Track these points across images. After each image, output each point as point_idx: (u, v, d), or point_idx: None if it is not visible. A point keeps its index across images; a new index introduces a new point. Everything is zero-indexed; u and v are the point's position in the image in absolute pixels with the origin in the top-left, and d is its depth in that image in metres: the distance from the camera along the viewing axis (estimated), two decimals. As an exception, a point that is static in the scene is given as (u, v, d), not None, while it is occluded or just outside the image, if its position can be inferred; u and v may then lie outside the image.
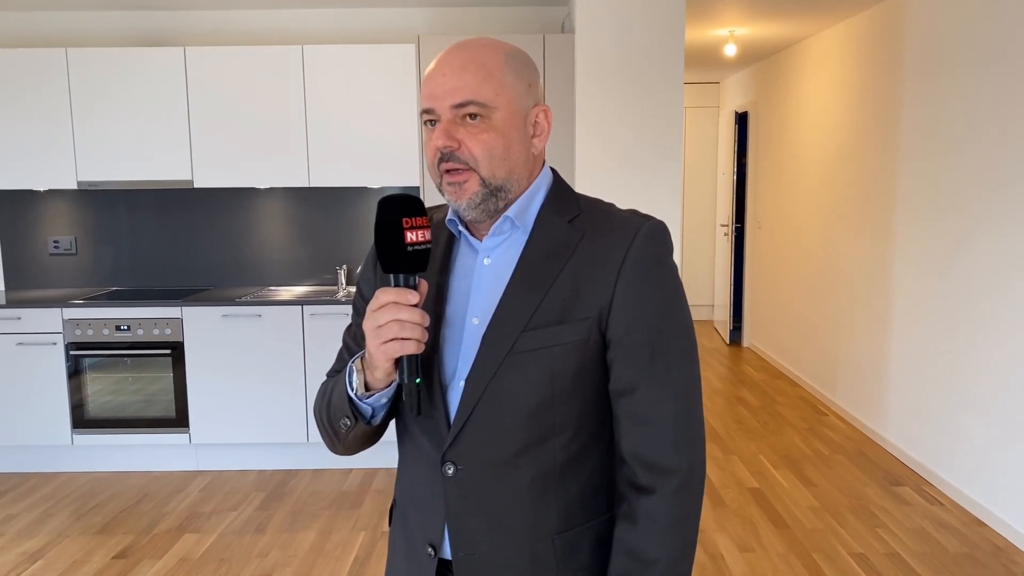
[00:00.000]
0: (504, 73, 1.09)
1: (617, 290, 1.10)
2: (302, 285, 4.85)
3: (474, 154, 1.08)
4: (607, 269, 1.11)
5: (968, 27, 3.79)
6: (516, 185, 1.13)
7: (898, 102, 4.49)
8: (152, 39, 4.72)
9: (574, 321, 1.10)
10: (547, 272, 1.11)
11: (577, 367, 1.10)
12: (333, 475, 4.33)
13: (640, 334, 1.10)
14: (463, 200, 1.10)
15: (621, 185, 4.04)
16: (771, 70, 6.81)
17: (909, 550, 3.37)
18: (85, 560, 3.38)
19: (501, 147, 1.09)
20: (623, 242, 1.12)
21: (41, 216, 4.81)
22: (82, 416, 4.32)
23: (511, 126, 1.10)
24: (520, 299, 1.11)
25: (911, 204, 4.34)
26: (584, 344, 1.10)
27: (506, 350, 1.09)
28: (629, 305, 1.10)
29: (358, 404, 1.13)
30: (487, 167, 1.09)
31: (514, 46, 1.15)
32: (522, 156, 1.13)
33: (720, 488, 4.07)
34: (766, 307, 7.00)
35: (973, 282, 3.76)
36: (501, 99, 1.08)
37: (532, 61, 1.16)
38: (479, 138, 1.08)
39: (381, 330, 1.03)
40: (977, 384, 3.73)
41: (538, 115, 1.14)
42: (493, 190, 1.10)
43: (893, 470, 4.30)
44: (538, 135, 1.15)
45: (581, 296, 1.10)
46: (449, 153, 1.08)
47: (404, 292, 1.03)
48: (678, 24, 3.95)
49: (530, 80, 1.13)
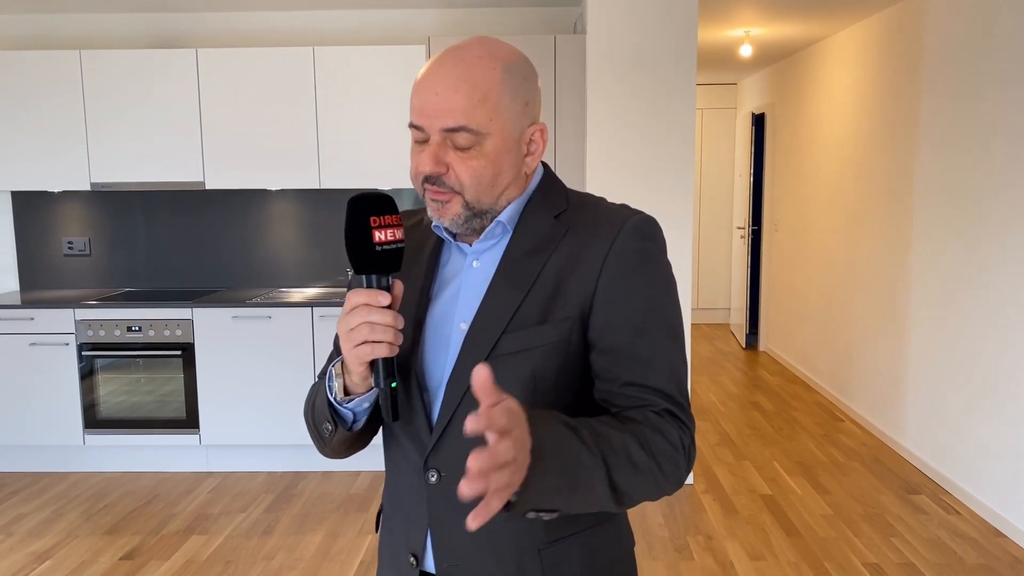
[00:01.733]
0: (500, 95, 1.03)
1: (599, 287, 1.05)
2: (312, 287, 4.84)
3: (461, 180, 1.04)
4: (589, 264, 1.06)
5: (987, 26, 3.71)
6: (504, 202, 1.10)
7: (916, 103, 4.41)
8: (165, 41, 4.74)
9: (555, 321, 1.05)
10: (529, 269, 1.07)
11: (558, 369, 1.06)
12: (342, 477, 4.32)
13: (622, 335, 1.05)
14: (445, 219, 1.07)
15: (632, 187, 3.99)
16: (788, 71, 6.73)
17: (925, 560, 3.30)
18: (93, 561, 3.38)
19: (490, 175, 1.05)
20: (608, 236, 1.07)
21: (55, 217, 4.84)
22: (94, 416, 4.34)
23: (503, 151, 1.05)
24: (502, 299, 1.07)
25: (930, 207, 4.26)
26: (565, 345, 1.06)
27: (487, 352, 1.05)
28: (611, 303, 1.05)
29: (338, 409, 1.10)
30: (473, 193, 1.05)
31: (514, 55, 1.08)
32: (511, 178, 1.09)
33: (732, 495, 4.01)
34: (783, 311, 6.92)
35: (993, 287, 3.68)
36: (495, 124, 1.03)
37: (532, 71, 1.10)
38: (468, 164, 1.04)
39: (352, 333, 1.00)
40: (996, 391, 3.65)
41: (533, 135, 1.09)
42: (477, 213, 1.07)
43: (910, 478, 4.22)
44: (532, 154, 1.10)
45: (563, 293, 1.06)
46: (435, 178, 1.04)
47: (375, 294, 1.00)
48: (691, 24, 3.91)
49: (527, 98, 1.07)
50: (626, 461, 0.98)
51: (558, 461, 0.92)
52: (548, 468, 0.90)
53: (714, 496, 4.00)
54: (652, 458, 1.00)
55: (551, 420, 0.96)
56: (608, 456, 0.97)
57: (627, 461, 0.98)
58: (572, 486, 0.95)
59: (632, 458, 0.99)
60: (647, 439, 1.01)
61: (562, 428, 0.95)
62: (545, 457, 0.90)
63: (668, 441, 1.03)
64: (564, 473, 0.93)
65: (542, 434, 0.90)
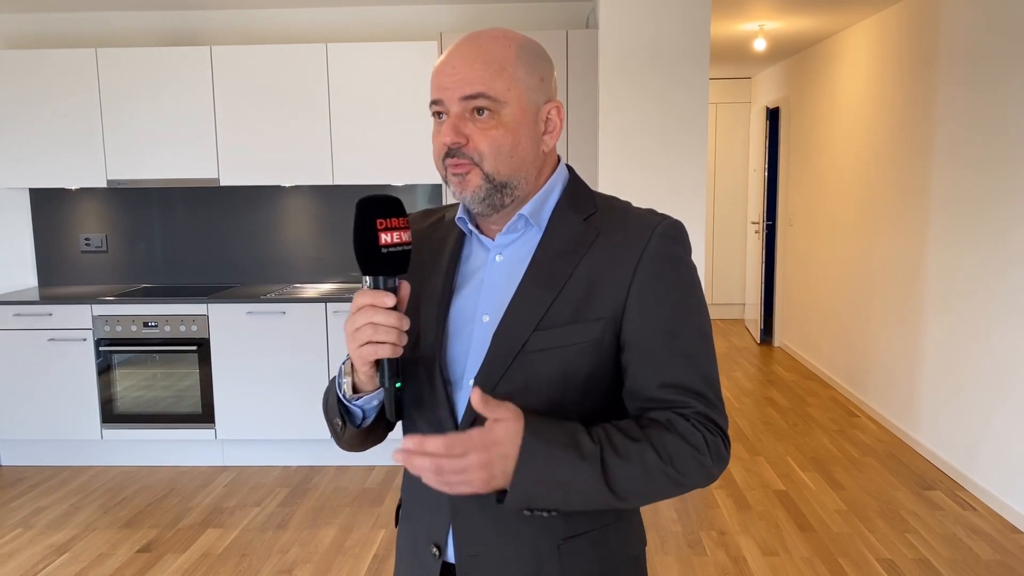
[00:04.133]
0: (516, 67, 1.07)
1: (632, 290, 1.07)
2: (326, 283, 4.87)
3: (480, 149, 1.06)
4: (622, 268, 1.08)
5: (1003, 17, 3.67)
6: (524, 182, 1.10)
7: (933, 97, 4.37)
8: (180, 39, 4.78)
9: (588, 321, 1.07)
10: (561, 270, 1.09)
11: (590, 368, 1.08)
12: (356, 471, 4.34)
13: (655, 336, 1.07)
14: (467, 192, 1.08)
15: (645, 182, 3.98)
16: (803, 65, 6.69)
17: (940, 556, 3.28)
18: (110, 553, 3.43)
19: (509, 144, 1.07)
20: (639, 241, 1.09)
21: (73, 214, 4.89)
22: (111, 411, 4.39)
23: (521, 122, 1.07)
24: (532, 297, 1.09)
25: (946, 202, 4.22)
26: (598, 344, 1.08)
27: (517, 349, 1.07)
28: (644, 306, 1.07)
29: (348, 406, 1.12)
30: (492, 163, 1.07)
31: (528, 38, 1.11)
32: (531, 153, 1.10)
33: (745, 490, 4.00)
34: (798, 306, 6.88)
35: (1009, 282, 3.64)
36: (512, 94, 1.06)
37: (546, 54, 1.13)
38: (487, 134, 1.06)
39: (356, 333, 1.02)
40: (1012, 386, 3.61)
41: (550, 111, 1.11)
42: (498, 186, 1.08)
43: (925, 473, 4.20)
44: (550, 132, 1.12)
45: (595, 295, 1.08)
46: (456, 149, 1.06)
47: (380, 295, 1.02)
48: (704, 18, 3.89)
49: (543, 74, 1.10)
50: (639, 468, 1.03)
51: (542, 474, 1.00)
52: (529, 480, 0.99)
53: (727, 492, 3.99)
54: (668, 463, 1.03)
55: (549, 430, 1.02)
56: (613, 467, 1.02)
57: (640, 468, 1.03)
58: (565, 492, 1.01)
59: (647, 465, 1.03)
60: (664, 443, 1.04)
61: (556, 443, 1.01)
62: (530, 466, 0.99)
63: (688, 443, 1.05)
64: (553, 481, 1.00)
65: (530, 444, 0.99)
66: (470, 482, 0.98)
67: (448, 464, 0.97)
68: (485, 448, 0.97)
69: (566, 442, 1.01)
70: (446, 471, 0.97)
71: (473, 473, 0.97)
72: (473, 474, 0.97)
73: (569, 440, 1.02)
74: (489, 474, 0.98)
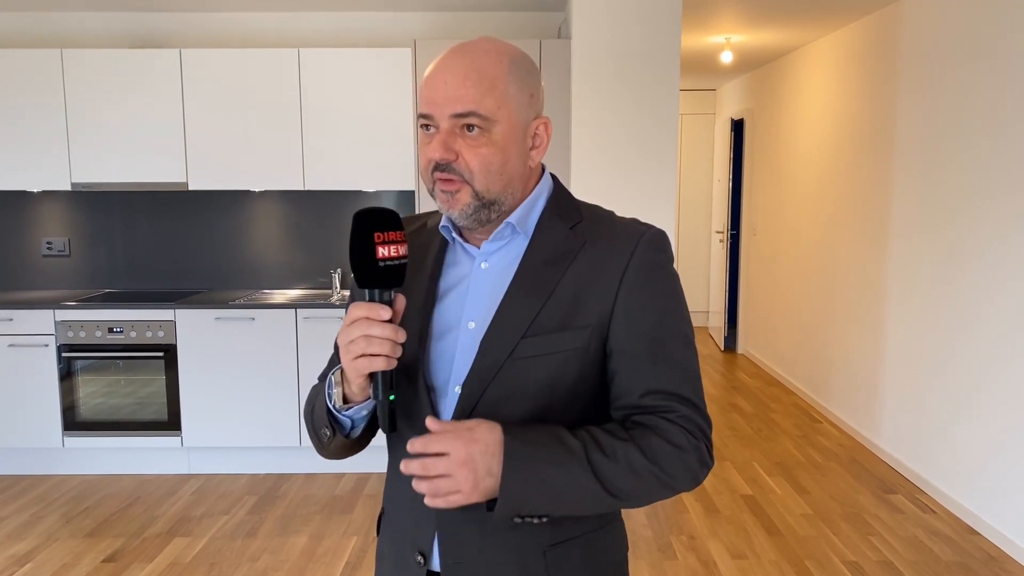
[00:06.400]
0: (507, 84, 1.07)
1: (619, 298, 1.09)
2: (296, 288, 4.83)
3: (471, 167, 1.06)
4: (609, 276, 1.10)
5: (963, 34, 3.80)
6: (511, 197, 1.11)
7: (893, 109, 4.50)
8: (148, 41, 4.72)
9: (574, 328, 1.08)
10: (548, 278, 1.10)
11: (577, 375, 1.09)
12: (325, 479, 4.31)
13: (641, 343, 1.09)
14: (455, 210, 1.09)
15: (616, 190, 4.04)
16: (767, 77, 6.83)
17: (902, 558, 3.37)
18: (74, 563, 3.35)
19: (499, 162, 1.07)
20: (625, 250, 1.11)
21: (34, 217, 4.79)
22: (73, 418, 4.30)
23: (510, 140, 1.08)
24: (520, 305, 1.09)
25: (906, 211, 4.35)
26: (584, 352, 1.09)
27: (505, 356, 1.08)
28: (631, 313, 1.09)
29: (337, 416, 1.12)
30: (482, 181, 1.07)
31: (519, 51, 1.11)
32: (519, 170, 1.11)
33: (713, 495, 4.06)
34: (761, 314, 7.00)
35: (968, 290, 3.76)
36: (502, 112, 1.06)
37: (535, 67, 1.13)
38: (477, 152, 1.06)
39: (351, 346, 1.01)
40: (971, 392, 3.73)
41: (538, 128, 1.12)
42: (486, 203, 1.08)
43: (886, 478, 4.30)
44: (536, 147, 1.12)
45: (582, 303, 1.09)
46: (445, 165, 1.06)
47: (376, 307, 1.01)
48: (674, 31, 3.96)
49: (532, 90, 1.11)
50: (624, 466, 1.04)
51: (531, 475, 1.01)
52: (519, 481, 1.00)
53: (696, 496, 4.05)
54: (654, 463, 1.05)
55: (529, 432, 1.03)
56: (600, 465, 1.03)
57: (626, 466, 1.04)
58: (553, 496, 1.02)
59: (632, 464, 1.04)
60: (648, 443, 1.06)
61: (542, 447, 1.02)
62: (517, 471, 1.00)
63: (673, 444, 1.06)
64: (542, 483, 1.01)
65: (513, 447, 1.00)
66: (457, 483, 0.98)
67: (431, 463, 0.98)
68: (465, 444, 0.98)
69: (550, 442, 1.02)
70: (431, 469, 0.98)
71: (457, 472, 0.98)
72: (457, 473, 0.98)
73: (553, 440, 1.03)
74: (473, 473, 0.98)
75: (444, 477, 0.98)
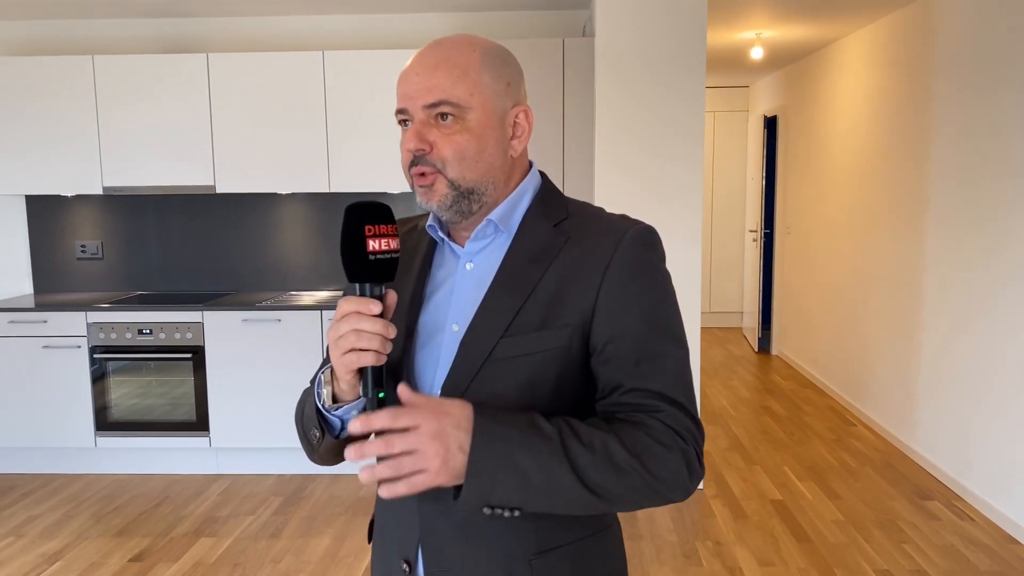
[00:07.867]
0: (480, 72, 1.05)
1: (600, 295, 1.05)
2: (322, 290, 4.86)
3: (444, 155, 1.04)
4: (591, 273, 1.06)
5: (1000, 26, 3.68)
6: (492, 188, 1.09)
7: (929, 105, 4.37)
8: (176, 46, 4.78)
9: (556, 327, 1.05)
10: (529, 276, 1.07)
11: (559, 375, 1.05)
12: (351, 480, 4.32)
13: (624, 343, 1.04)
14: (433, 202, 1.07)
15: (641, 191, 3.98)
16: (801, 74, 6.70)
17: (937, 567, 3.26)
18: (102, 562, 3.40)
19: (474, 149, 1.05)
20: (609, 246, 1.07)
21: (69, 221, 4.88)
22: (105, 419, 4.37)
23: (486, 127, 1.06)
24: (500, 303, 1.07)
25: (944, 210, 4.22)
26: (566, 351, 1.05)
27: (484, 357, 1.05)
28: (612, 311, 1.05)
29: (327, 416, 1.09)
30: (456, 169, 1.05)
31: (495, 44, 1.10)
32: (498, 158, 1.08)
33: (742, 500, 3.98)
34: (795, 314, 6.87)
35: (1006, 291, 3.63)
36: (476, 99, 1.04)
37: (514, 59, 1.11)
38: (451, 139, 1.04)
39: (340, 340, 0.99)
40: (1011, 395, 3.60)
41: (518, 115, 1.10)
42: (464, 192, 1.06)
43: (922, 483, 4.18)
44: (517, 136, 1.10)
45: (564, 301, 1.06)
46: (420, 156, 1.05)
47: (366, 302, 0.99)
48: (700, 26, 3.89)
49: (509, 79, 1.09)
50: (603, 459, 0.97)
51: (501, 457, 0.94)
52: (488, 459, 0.93)
53: (724, 501, 3.97)
54: (636, 457, 0.99)
55: (501, 413, 0.97)
56: (576, 453, 0.97)
57: (604, 458, 0.97)
58: (524, 483, 0.95)
59: (612, 456, 0.98)
60: (632, 438, 1.00)
61: (514, 428, 0.96)
62: (486, 448, 0.93)
63: (656, 440, 1.01)
64: (512, 467, 0.94)
65: (483, 425, 0.94)
66: (424, 459, 0.91)
67: (399, 440, 0.91)
68: (435, 416, 0.92)
69: (522, 425, 0.97)
70: (396, 446, 0.91)
71: (426, 446, 0.91)
72: (427, 447, 0.91)
73: (526, 423, 0.97)
74: (445, 448, 0.92)
75: (409, 454, 0.91)
